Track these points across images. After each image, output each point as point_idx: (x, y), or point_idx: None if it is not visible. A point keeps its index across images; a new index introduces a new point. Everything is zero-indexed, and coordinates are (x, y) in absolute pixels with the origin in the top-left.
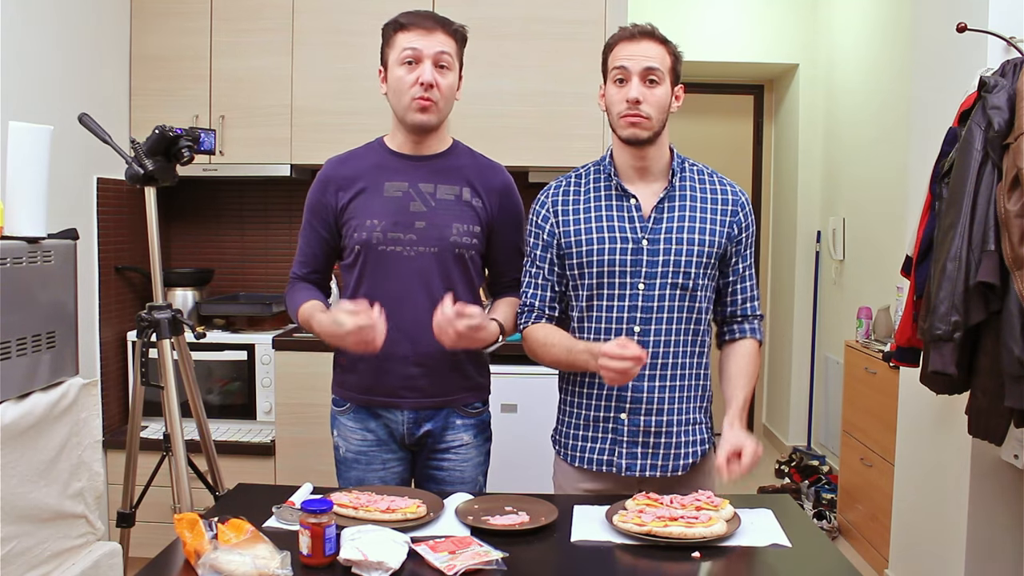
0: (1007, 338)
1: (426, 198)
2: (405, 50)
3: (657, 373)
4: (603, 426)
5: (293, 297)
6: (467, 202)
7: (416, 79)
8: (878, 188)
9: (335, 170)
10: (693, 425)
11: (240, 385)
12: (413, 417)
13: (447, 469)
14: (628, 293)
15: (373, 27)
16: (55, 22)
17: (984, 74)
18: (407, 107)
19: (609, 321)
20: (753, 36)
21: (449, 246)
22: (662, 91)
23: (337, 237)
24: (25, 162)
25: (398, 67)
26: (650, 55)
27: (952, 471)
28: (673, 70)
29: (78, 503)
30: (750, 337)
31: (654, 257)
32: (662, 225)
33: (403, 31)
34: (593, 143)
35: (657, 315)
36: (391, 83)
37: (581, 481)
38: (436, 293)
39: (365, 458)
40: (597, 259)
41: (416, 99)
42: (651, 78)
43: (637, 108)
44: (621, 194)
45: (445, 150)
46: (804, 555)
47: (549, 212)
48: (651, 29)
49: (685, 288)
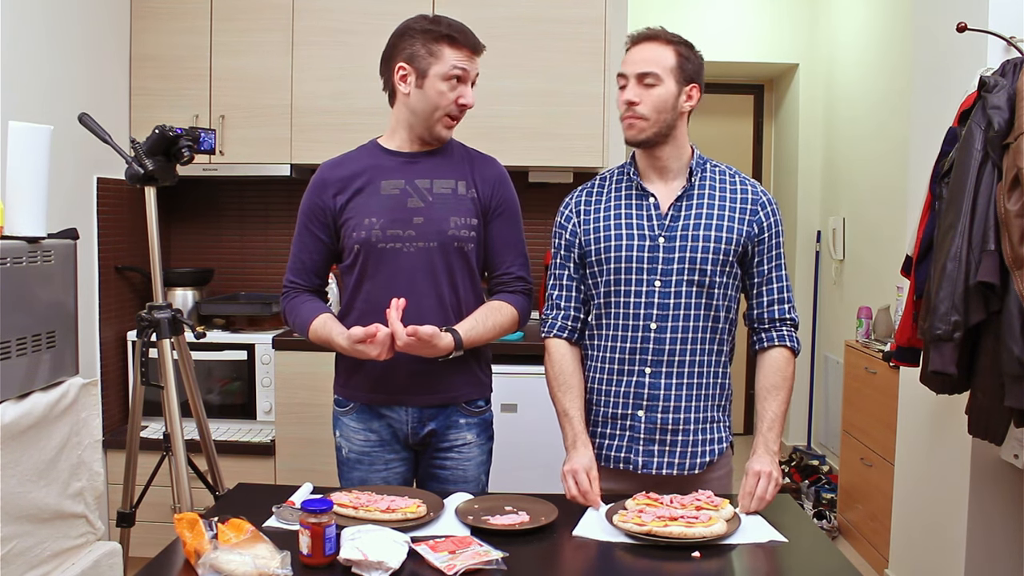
0: (1007, 338)
1: (423, 194)
2: (455, 68)
3: (675, 371)
4: (620, 423)
5: (298, 311)
6: (463, 195)
7: (457, 98)
8: (878, 188)
9: (330, 173)
10: (710, 423)
11: (240, 385)
12: (417, 415)
13: (450, 468)
14: (645, 290)
15: (373, 27)
16: (55, 22)
17: (984, 74)
18: (438, 120)
19: (627, 318)
20: (753, 36)
21: (448, 240)
22: (661, 91)
23: (335, 240)
24: (25, 162)
25: (441, 81)
26: (647, 57)
27: (952, 471)
28: (680, 69)
29: (78, 503)
30: (779, 345)
31: (670, 255)
32: (678, 223)
33: (453, 46)
34: (593, 143)
35: (674, 312)
36: (429, 93)
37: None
38: (438, 288)
39: (368, 458)
40: (615, 255)
41: (449, 116)
42: (647, 80)
43: (632, 110)
44: (640, 193)
45: (439, 146)
46: (804, 555)
47: (572, 212)
48: (654, 32)
49: (702, 285)
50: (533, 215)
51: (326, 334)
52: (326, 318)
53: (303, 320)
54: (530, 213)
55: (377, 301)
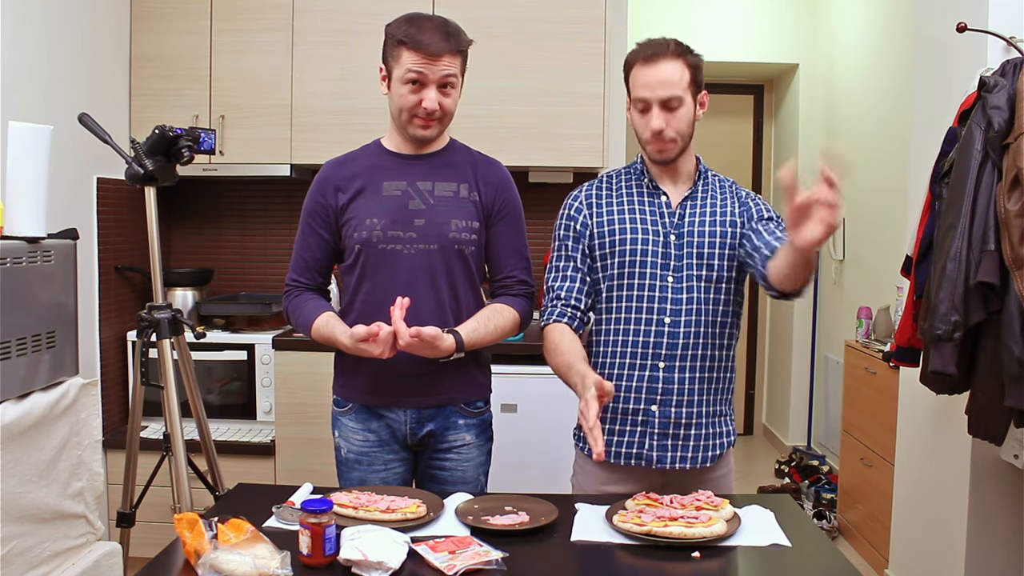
0: (1007, 338)
1: (424, 196)
2: (410, 71)
3: (688, 364)
4: (632, 419)
5: (301, 310)
6: (465, 198)
7: (419, 102)
8: (878, 188)
9: (333, 172)
10: (719, 417)
11: (240, 385)
12: (416, 416)
13: (449, 469)
14: (658, 284)
15: (373, 27)
16: (55, 22)
17: (984, 74)
18: (407, 121)
19: (640, 311)
20: (753, 36)
21: (449, 242)
22: (684, 112)
23: (338, 239)
24: (25, 162)
25: (401, 84)
26: (666, 79)
27: (952, 471)
28: (693, 82)
29: (78, 503)
30: None
31: (680, 250)
32: (685, 220)
33: (409, 50)
34: (593, 143)
35: (687, 307)
36: (394, 96)
37: (604, 483)
38: (438, 290)
39: (367, 458)
40: (629, 248)
41: (417, 116)
42: (672, 104)
43: (662, 136)
44: (652, 191)
45: (442, 148)
46: (804, 555)
47: (582, 204)
48: (666, 46)
49: (710, 280)
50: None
51: (329, 332)
52: (329, 316)
53: (306, 318)
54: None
55: (377, 301)
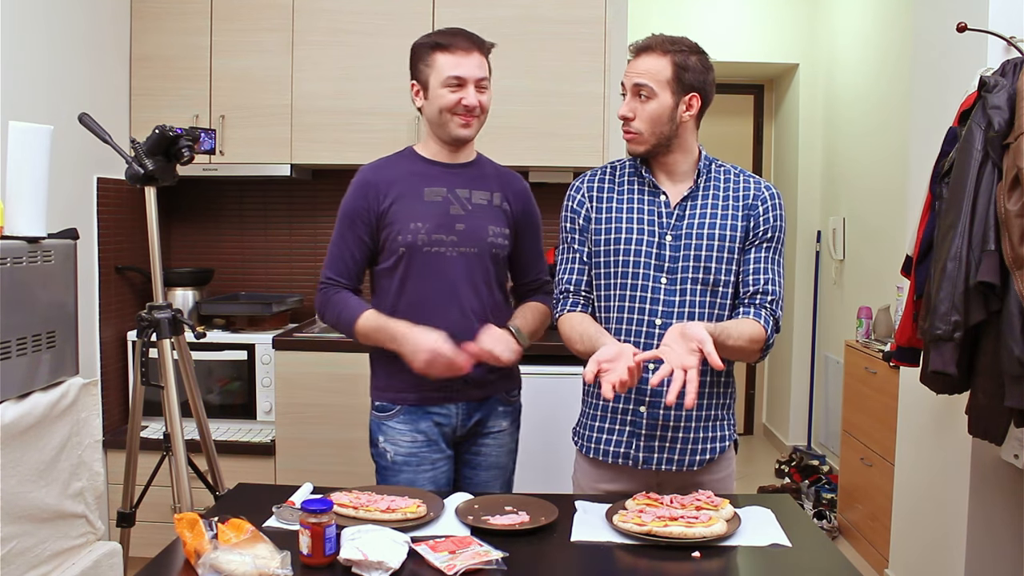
0: (1007, 338)
1: (463, 202)
2: (450, 76)
3: None
4: (621, 418)
5: (345, 304)
6: (498, 206)
7: (459, 101)
8: (878, 188)
9: (374, 175)
10: (713, 421)
11: (240, 385)
12: (466, 409)
13: (484, 454)
14: (651, 286)
15: (373, 27)
16: (55, 22)
17: (984, 74)
18: (447, 120)
19: (631, 312)
20: (753, 36)
21: (487, 247)
22: (654, 105)
23: (376, 242)
24: (25, 162)
25: (440, 87)
26: (641, 70)
27: (952, 471)
28: (676, 80)
29: (78, 503)
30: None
31: (676, 252)
32: (683, 221)
33: (443, 52)
34: (593, 143)
35: (679, 309)
36: (434, 101)
37: (599, 480)
38: (478, 291)
39: (415, 459)
40: (624, 248)
41: (460, 116)
42: (642, 93)
43: (628, 125)
44: (652, 190)
45: (472, 160)
46: (804, 555)
47: (585, 196)
48: (653, 42)
49: (706, 283)
50: None
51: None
52: (378, 314)
53: (352, 312)
54: None
55: (420, 303)
